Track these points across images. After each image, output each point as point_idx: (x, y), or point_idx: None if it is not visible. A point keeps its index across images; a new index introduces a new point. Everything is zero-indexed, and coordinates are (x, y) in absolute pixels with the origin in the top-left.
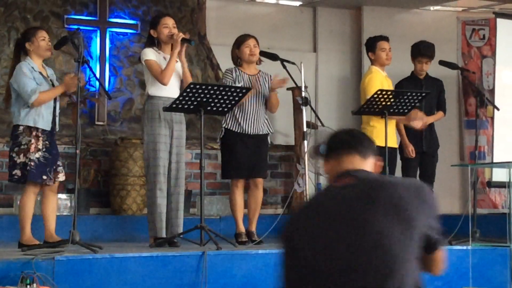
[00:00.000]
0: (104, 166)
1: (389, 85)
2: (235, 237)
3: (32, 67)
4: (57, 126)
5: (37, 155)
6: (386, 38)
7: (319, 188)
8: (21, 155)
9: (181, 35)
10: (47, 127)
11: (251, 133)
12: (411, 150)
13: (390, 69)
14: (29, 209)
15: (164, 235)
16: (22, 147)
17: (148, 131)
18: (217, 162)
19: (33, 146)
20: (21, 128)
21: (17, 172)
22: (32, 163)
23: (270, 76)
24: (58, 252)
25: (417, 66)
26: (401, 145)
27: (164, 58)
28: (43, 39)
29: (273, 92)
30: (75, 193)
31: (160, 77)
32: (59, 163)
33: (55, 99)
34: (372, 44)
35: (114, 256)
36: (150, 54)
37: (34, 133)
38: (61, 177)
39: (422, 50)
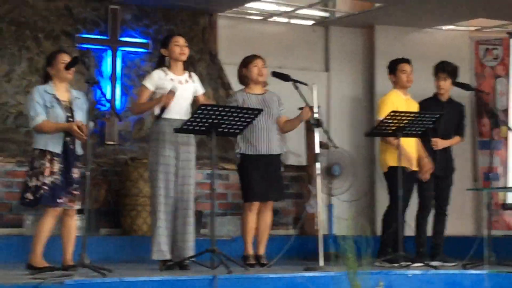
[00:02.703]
0: (115, 186)
1: (411, 108)
2: (243, 259)
3: (45, 91)
4: (77, 150)
5: (51, 178)
6: (407, 61)
7: (331, 209)
8: (34, 178)
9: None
10: (58, 149)
11: (265, 153)
12: (429, 169)
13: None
14: (45, 232)
15: (164, 258)
16: (35, 170)
17: (152, 152)
18: (229, 182)
19: (47, 169)
20: (36, 151)
21: (29, 195)
22: (46, 187)
23: (279, 97)
24: (68, 276)
25: (436, 82)
26: (420, 167)
27: (172, 79)
28: (63, 62)
29: (299, 121)
30: (86, 214)
31: (134, 106)
32: (77, 190)
33: (69, 120)
34: (393, 66)
35: (124, 280)
36: (150, 80)
37: (48, 157)
38: (77, 205)
39: (441, 66)
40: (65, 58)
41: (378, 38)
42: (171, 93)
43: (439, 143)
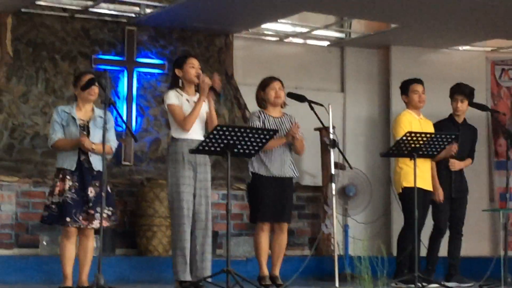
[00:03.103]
0: (130, 206)
1: (425, 127)
2: (258, 280)
3: (63, 110)
4: (95, 166)
5: (62, 197)
6: (419, 81)
7: (347, 229)
8: (49, 197)
9: (209, 83)
10: (72, 167)
11: (277, 175)
12: (440, 195)
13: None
14: (63, 252)
15: (188, 279)
16: (51, 189)
17: (171, 173)
18: (244, 202)
19: (57, 188)
20: (55, 171)
21: (44, 213)
22: (54, 205)
23: (295, 119)
24: None
25: (453, 104)
26: (434, 188)
27: (187, 100)
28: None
29: (294, 141)
30: (101, 235)
31: (182, 123)
32: (98, 208)
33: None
34: (405, 87)
35: None
36: (172, 97)
37: (60, 175)
38: (96, 223)
39: (457, 88)
40: (86, 79)
41: (394, 58)
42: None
43: (456, 165)
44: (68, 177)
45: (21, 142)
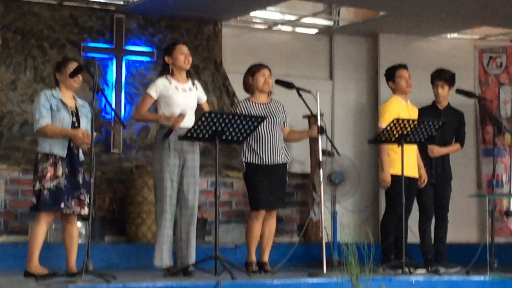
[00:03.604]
0: (119, 194)
1: (412, 114)
2: (246, 266)
3: (52, 95)
4: (81, 155)
5: (54, 182)
6: (405, 66)
7: (335, 216)
8: (37, 183)
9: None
10: (63, 153)
11: (270, 163)
12: (423, 180)
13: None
14: (40, 238)
15: (167, 264)
16: (39, 174)
17: (157, 159)
18: (233, 190)
19: (49, 173)
20: (39, 155)
21: (33, 199)
22: (46, 191)
23: (283, 105)
24: (72, 282)
25: (434, 90)
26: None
27: (177, 87)
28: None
29: (304, 136)
30: (89, 222)
31: (137, 112)
32: (84, 195)
33: (73, 127)
34: (391, 73)
35: (128, 286)
36: (153, 87)
37: (51, 160)
38: (85, 210)
39: (438, 73)
40: (73, 66)
41: (382, 46)
42: (181, 116)
43: (435, 151)
44: (59, 163)
45: (10, 129)
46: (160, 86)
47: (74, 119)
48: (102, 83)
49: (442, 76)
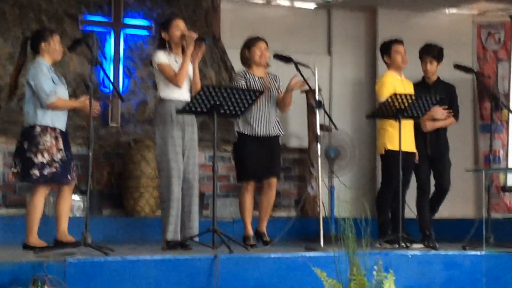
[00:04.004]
0: (117, 168)
1: (407, 88)
2: (243, 240)
3: (47, 66)
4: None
5: (59, 155)
6: (400, 41)
7: (332, 191)
8: (39, 155)
9: (194, 36)
10: (63, 127)
11: (263, 135)
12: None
13: (404, 72)
14: (40, 211)
15: (177, 238)
16: (41, 147)
17: (160, 133)
18: (231, 164)
19: (54, 147)
20: (38, 128)
21: (35, 172)
22: (57, 164)
23: (279, 76)
24: (70, 254)
25: (422, 66)
26: None
27: (176, 61)
28: (59, 43)
29: (289, 92)
30: (87, 195)
31: (174, 80)
32: (73, 164)
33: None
34: (386, 47)
35: (126, 259)
36: (162, 57)
37: (53, 134)
38: (75, 179)
39: (426, 49)
40: (59, 39)
41: (381, 21)
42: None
43: (428, 125)
44: (59, 136)
45: (8, 102)
46: (164, 56)
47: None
48: (100, 57)
49: (430, 52)
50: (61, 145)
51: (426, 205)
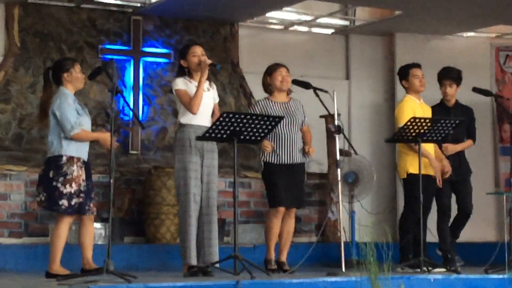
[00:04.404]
0: (138, 195)
1: (426, 112)
2: (265, 263)
3: (73, 98)
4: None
5: (84, 186)
6: (418, 65)
7: (353, 216)
8: (68, 185)
9: (208, 61)
10: (86, 157)
11: (288, 163)
12: (438, 180)
13: (422, 96)
14: (64, 240)
15: (194, 263)
16: (68, 177)
17: (179, 159)
18: (251, 190)
19: (80, 177)
20: (64, 158)
21: (64, 202)
22: (82, 194)
23: (302, 104)
24: (92, 282)
25: (442, 89)
26: None
27: (196, 87)
28: (80, 72)
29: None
30: (110, 222)
31: (189, 106)
32: (93, 194)
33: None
34: (404, 72)
35: (148, 286)
36: (179, 83)
37: (78, 164)
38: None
39: (445, 72)
40: (80, 68)
41: (398, 45)
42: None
43: (450, 148)
44: (82, 166)
45: (29, 132)
46: (181, 82)
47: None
48: (120, 85)
49: (449, 75)
50: (84, 176)
51: (447, 229)
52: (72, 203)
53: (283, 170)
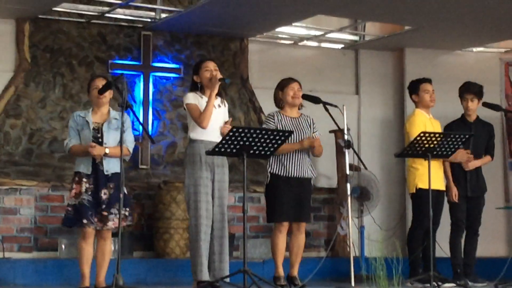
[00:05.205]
0: (148, 209)
1: (435, 127)
2: (274, 281)
3: (79, 115)
4: (106, 170)
5: (78, 199)
6: (429, 80)
7: (362, 231)
8: (68, 200)
9: (218, 75)
10: (88, 170)
11: (296, 176)
12: (454, 194)
13: (432, 111)
14: (82, 253)
15: (206, 279)
16: (70, 191)
17: (189, 174)
18: (260, 205)
19: (73, 191)
20: (74, 174)
21: (64, 217)
22: (70, 208)
23: (313, 119)
24: None
25: (463, 103)
26: (448, 188)
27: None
28: (95, 88)
29: (297, 146)
30: (119, 237)
31: (198, 120)
32: (112, 209)
33: (98, 142)
34: (415, 86)
35: None
36: (190, 98)
37: (77, 178)
38: (110, 225)
39: (466, 87)
40: (98, 84)
41: (408, 60)
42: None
43: (470, 164)
44: (84, 179)
45: (39, 147)
46: (192, 97)
47: (98, 135)
48: (130, 100)
49: (471, 90)
50: (82, 189)
51: (459, 243)
52: (66, 216)
53: (289, 183)
